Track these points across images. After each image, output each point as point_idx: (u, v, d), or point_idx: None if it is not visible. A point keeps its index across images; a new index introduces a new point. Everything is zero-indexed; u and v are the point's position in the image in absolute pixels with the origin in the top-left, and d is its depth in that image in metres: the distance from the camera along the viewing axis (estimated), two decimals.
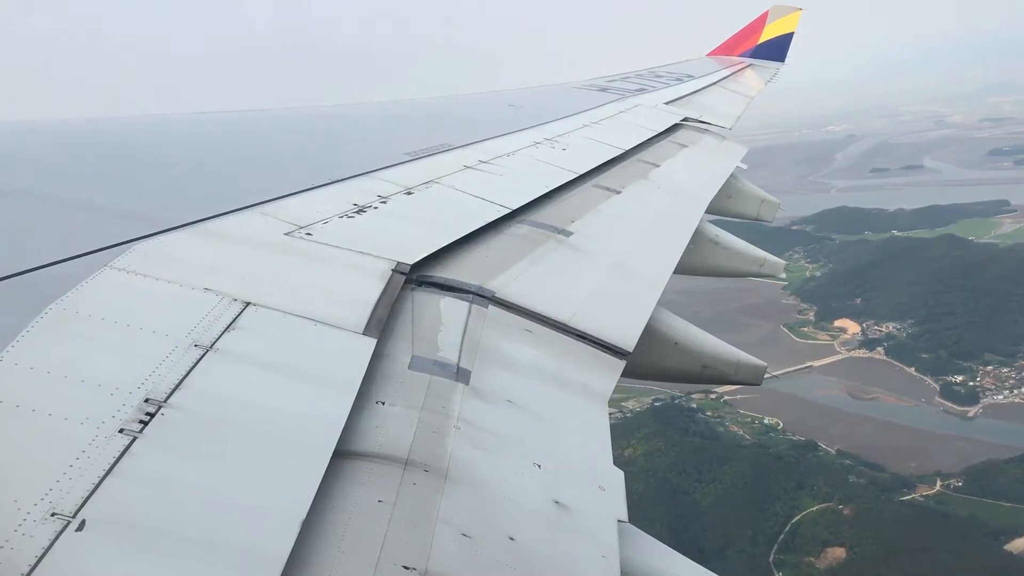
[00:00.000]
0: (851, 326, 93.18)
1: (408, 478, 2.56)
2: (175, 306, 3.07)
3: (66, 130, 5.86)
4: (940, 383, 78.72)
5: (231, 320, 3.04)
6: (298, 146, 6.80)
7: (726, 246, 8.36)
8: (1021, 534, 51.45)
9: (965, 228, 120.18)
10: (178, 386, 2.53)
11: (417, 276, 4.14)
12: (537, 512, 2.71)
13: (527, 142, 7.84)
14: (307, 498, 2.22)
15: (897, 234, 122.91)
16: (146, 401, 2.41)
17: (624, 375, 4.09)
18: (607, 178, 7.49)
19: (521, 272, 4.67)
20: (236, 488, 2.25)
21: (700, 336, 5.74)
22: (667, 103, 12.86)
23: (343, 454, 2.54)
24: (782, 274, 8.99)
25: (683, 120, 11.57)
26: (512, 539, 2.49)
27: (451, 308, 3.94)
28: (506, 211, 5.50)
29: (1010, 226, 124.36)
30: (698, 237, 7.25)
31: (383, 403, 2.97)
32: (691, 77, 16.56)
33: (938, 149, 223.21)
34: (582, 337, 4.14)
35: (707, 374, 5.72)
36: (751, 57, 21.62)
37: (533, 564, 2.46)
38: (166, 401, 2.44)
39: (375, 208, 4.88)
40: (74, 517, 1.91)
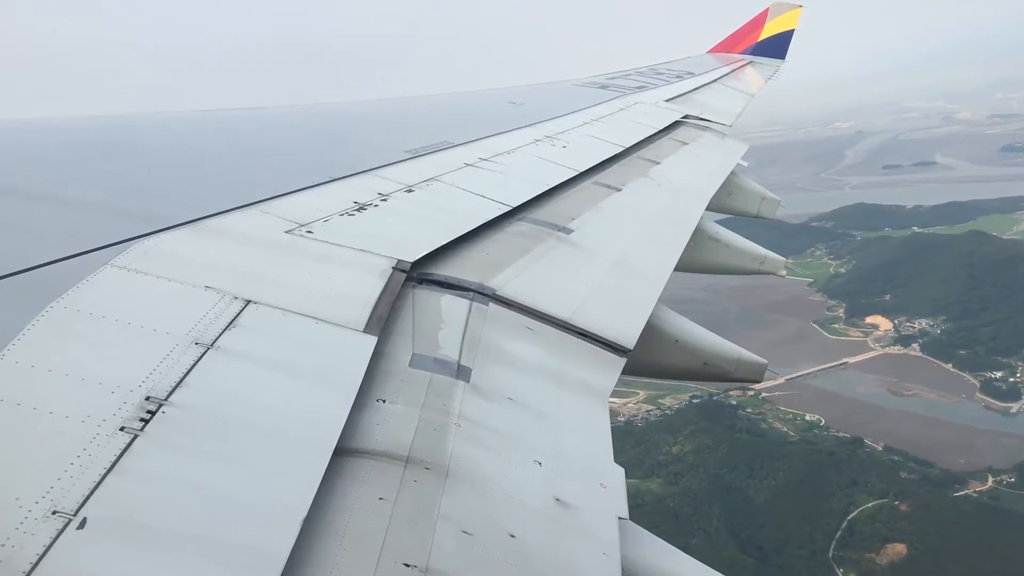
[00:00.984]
0: (883, 323, 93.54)
1: (409, 476, 2.56)
2: (176, 304, 3.07)
3: (66, 128, 5.86)
4: (980, 379, 78.70)
5: (232, 318, 3.04)
6: (298, 144, 6.80)
7: (727, 243, 8.36)
8: None
9: (986, 225, 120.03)
10: (179, 384, 2.53)
11: (418, 274, 4.13)
12: (538, 509, 2.71)
13: (527, 140, 7.83)
14: (308, 496, 2.22)
15: (918, 231, 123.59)
16: (147, 399, 2.41)
17: (625, 373, 4.09)
18: (607, 176, 7.48)
19: (522, 270, 4.67)
20: (237, 486, 2.25)
21: (700, 333, 5.74)
22: (667, 100, 12.84)
23: (344, 452, 2.54)
24: (782, 271, 9.00)
25: (683, 117, 11.56)
26: (513, 536, 2.49)
27: (452, 306, 3.94)
28: (507, 209, 5.50)
29: None
30: (699, 234, 7.25)
31: (384, 401, 2.97)
32: (691, 74, 16.53)
33: (949, 146, 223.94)
34: (583, 335, 4.14)
35: (708, 371, 5.72)
36: (751, 54, 21.59)
37: (534, 562, 2.46)
38: (167, 399, 2.44)
39: (376, 206, 4.88)
40: (75, 515, 1.92)
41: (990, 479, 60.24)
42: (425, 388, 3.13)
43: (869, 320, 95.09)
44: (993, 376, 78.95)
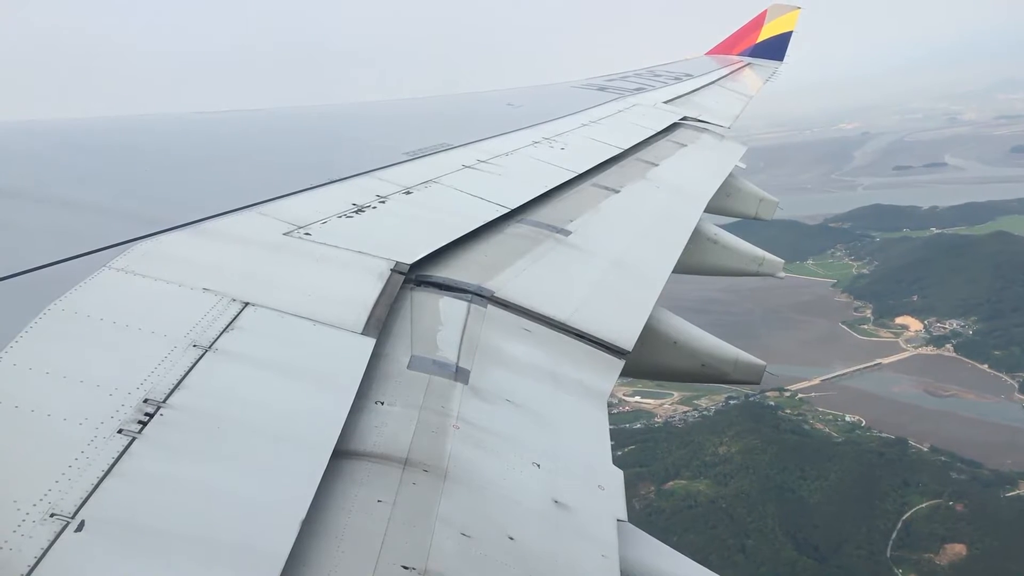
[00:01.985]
0: (913, 323, 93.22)
1: (407, 478, 2.56)
2: (174, 306, 3.07)
3: (64, 130, 5.85)
4: (1018, 380, 77.83)
5: (230, 320, 3.04)
6: (297, 146, 6.80)
7: (725, 245, 8.37)
8: None
9: (1007, 225, 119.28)
10: (177, 386, 2.53)
11: (416, 276, 4.14)
12: (536, 511, 2.71)
13: (526, 141, 7.84)
14: (306, 498, 2.22)
15: (938, 231, 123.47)
16: (145, 401, 2.41)
17: (623, 374, 4.09)
18: (606, 177, 7.49)
19: (520, 271, 4.67)
20: (235, 488, 2.25)
21: (699, 335, 5.75)
22: (666, 102, 12.85)
23: (342, 454, 2.54)
24: (781, 273, 9.00)
25: (682, 119, 11.57)
26: (511, 538, 2.49)
27: (450, 307, 3.94)
28: (505, 211, 5.50)
29: None
30: (697, 236, 7.26)
31: (382, 403, 2.97)
32: (690, 76, 16.56)
33: (957, 146, 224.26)
34: (581, 336, 4.15)
35: (706, 373, 5.73)
36: (750, 56, 21.62)
37: (532, 563, 2.46)
38: (165, 401, 2.44)
39: (374, 208, 4.88)
40: (73, 517, 1.91)
41: None
42: (423, 390, 3.13)
43: (899, 320, 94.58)
44: None
